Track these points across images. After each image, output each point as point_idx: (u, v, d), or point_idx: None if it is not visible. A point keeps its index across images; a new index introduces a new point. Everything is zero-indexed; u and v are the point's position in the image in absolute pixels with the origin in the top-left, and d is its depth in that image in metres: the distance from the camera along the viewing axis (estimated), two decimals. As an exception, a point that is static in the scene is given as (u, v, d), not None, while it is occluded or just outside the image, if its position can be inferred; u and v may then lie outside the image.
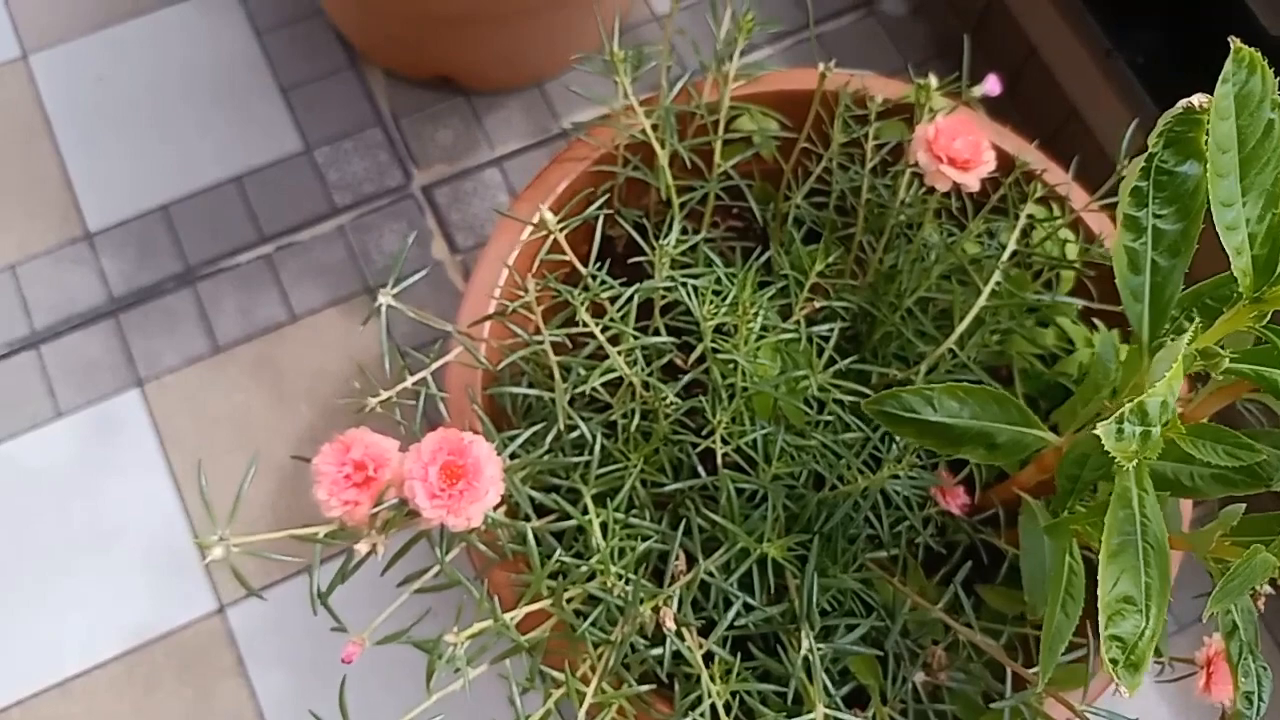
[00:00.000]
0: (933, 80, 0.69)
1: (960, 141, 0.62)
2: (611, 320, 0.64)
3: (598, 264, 0.65)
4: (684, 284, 0.65)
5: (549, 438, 0.66)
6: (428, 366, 0.63)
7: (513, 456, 0.66)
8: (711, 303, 0.64)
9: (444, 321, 0.65)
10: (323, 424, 1.07)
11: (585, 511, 0.62)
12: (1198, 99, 0.42)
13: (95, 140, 1.17)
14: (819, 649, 0.56)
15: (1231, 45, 0.38)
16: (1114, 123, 1.03)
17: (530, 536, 0.59)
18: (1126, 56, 1.00)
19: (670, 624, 0.54)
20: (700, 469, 0.67)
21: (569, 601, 0.60)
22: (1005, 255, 0.68)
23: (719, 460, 0.64)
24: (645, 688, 0.58)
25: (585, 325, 0.63)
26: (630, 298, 0.64)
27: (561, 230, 0.60)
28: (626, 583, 0.58)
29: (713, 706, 0.54)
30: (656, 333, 0.69)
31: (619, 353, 0.64)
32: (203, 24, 1.23)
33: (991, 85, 0.72)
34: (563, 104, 1.21)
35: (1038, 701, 0.61)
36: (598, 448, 0.65)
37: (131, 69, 1.20)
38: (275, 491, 1.03)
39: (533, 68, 1.19)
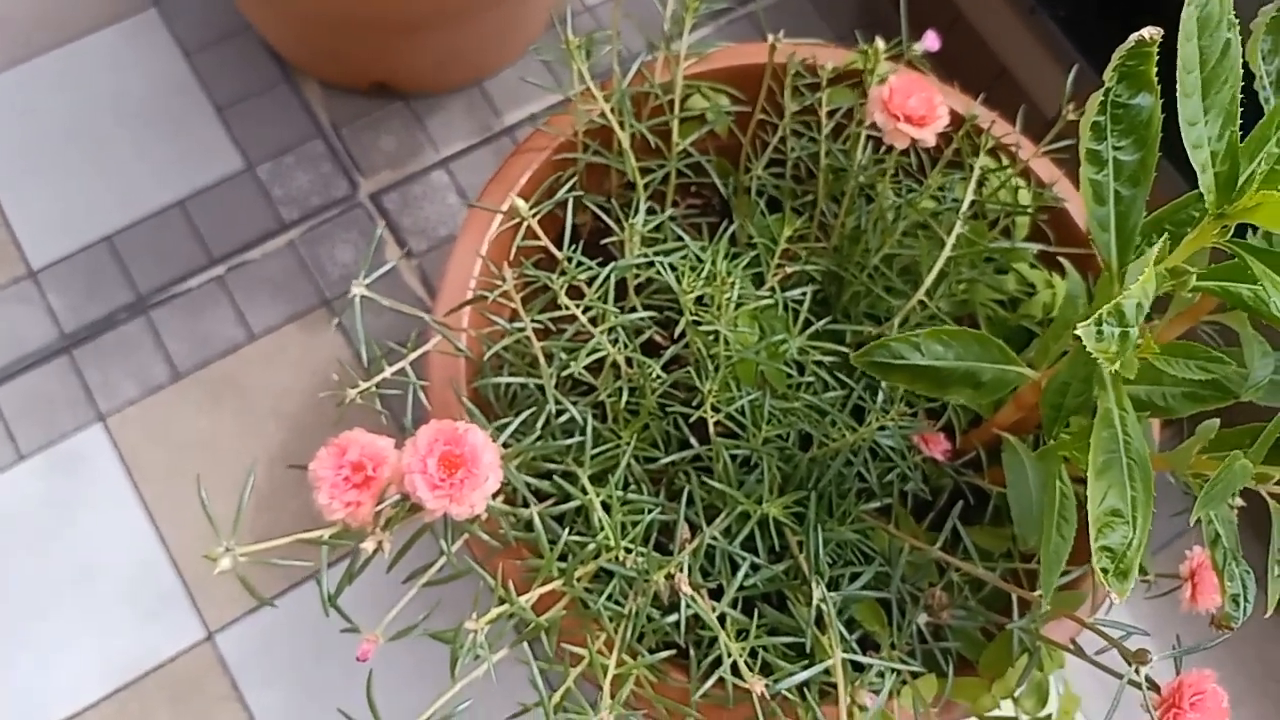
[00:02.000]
0: (880, 43, 0.71)
1: (914, 99, 0.64)
2: (592, 301, 0.65)
3: (571, 247, 0.65)
4: (659, 260, 0.66)
5: (539, 424, 0.67)
6: (406, 357, 0.63)
7: (505, 445, 0.67)
8: (688, 276, 0.65)
9: (420, 312, 0.65)
10: (294, 440, 1.06)
11: (585, 492, 0.63)
12: (1148, 31, 0.44)
13: (29, 175, 1.14)
14: (830, 596, 0.58)
15: (1195, -31, 0.41)
16: (1044, 77, 1.06)
17: (536, 520, 0.60)
18: (1050, 12, 1.04)
19: (686, 588, 0.55)
20: (692, 440, 0.68)
21: (579, 580, 0.61)
22: (964, 206, 0.70)
23: (710, 429, 0.66)
24: (663, 654, 0.59)
25: (566, 308, 0.64)
26: (608, 277, 0.65)
27: (534, 216, 0.61)
28: (637, 556, 0.59)
29: (734, 665, 0.55)
30: (634, 311, 0.70)
31: (601, 332, 0.65)
32: (128, 50, 1.21)
33: (930, 41, 0.75)
34: (503, 100, 1.21)
35: (1037, 627, 0.63)
36: (589, 429, 0.65)
37: (59, 100, 1.18)
38: (253, 510, 1.02)
39: (470, 67, 1.19)
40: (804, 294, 0.71)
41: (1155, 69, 0.47)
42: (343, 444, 0.53)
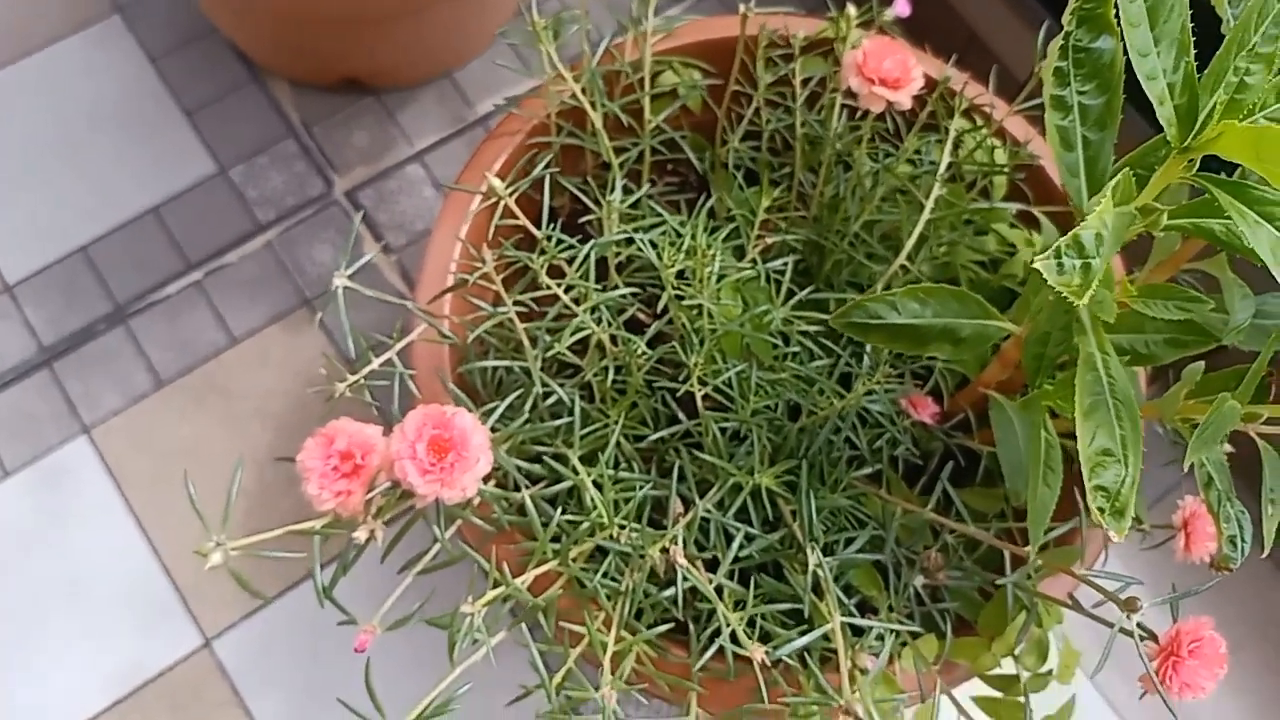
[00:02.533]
0: (851, 10, 0.71)
1: (889, 62, 0.64)
2: (573, 280, 0.64)
3: (549, 227, 0.65)
4: (639, 235, 0.66)
5: (526, 407, 0.67)
6: (392, 347, 0.63)
7: (493, 430, 0.66)
8: (668, 251, 0.65)
9: (403, 302, 0.65)
10: (280, 441, 1.06)
11: (576, 473, 0.63)
12: (1106, -28, 0.44)
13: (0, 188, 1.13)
14: (826, 562, 0.58)
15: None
16: (1015, 41, 1.06)
17: (529, 503, 0.59)
18: (1018, -26, 1.04)
19: (681, 559, 0.55)
20: (681, 415, 0.68)
21: (574, 560, 0.60)
22: (942, 168, 0.70)
23: (699, 403, 0.65)
24: (661, 628, 0.59)
25: (547, 288, 0.63)
26: (588, 255, 0.65)
27: (510, 194, 0.61)
28: (631, 532, 0.59)
29: (733, 634, 0.55)
30: (616, 290, 0.69)
31: (584, 310, 0.65)
32: (92, 58, 1.19)
33: (900, 7, 0.74)
34: (475, 90, 1.20)
35: (1034, 585, 0.63)
36: (577, 409, 0.65)
37: (26, 111, 1.16)
38: (244, 514, 1.01)
39: (439, 58, 1.18)
40: (785, 264, 0.71)
41: (1114, 11, 0.47)
42: (330, 433, 0.53)
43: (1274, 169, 0.38)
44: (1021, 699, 0.66)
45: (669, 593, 0.59)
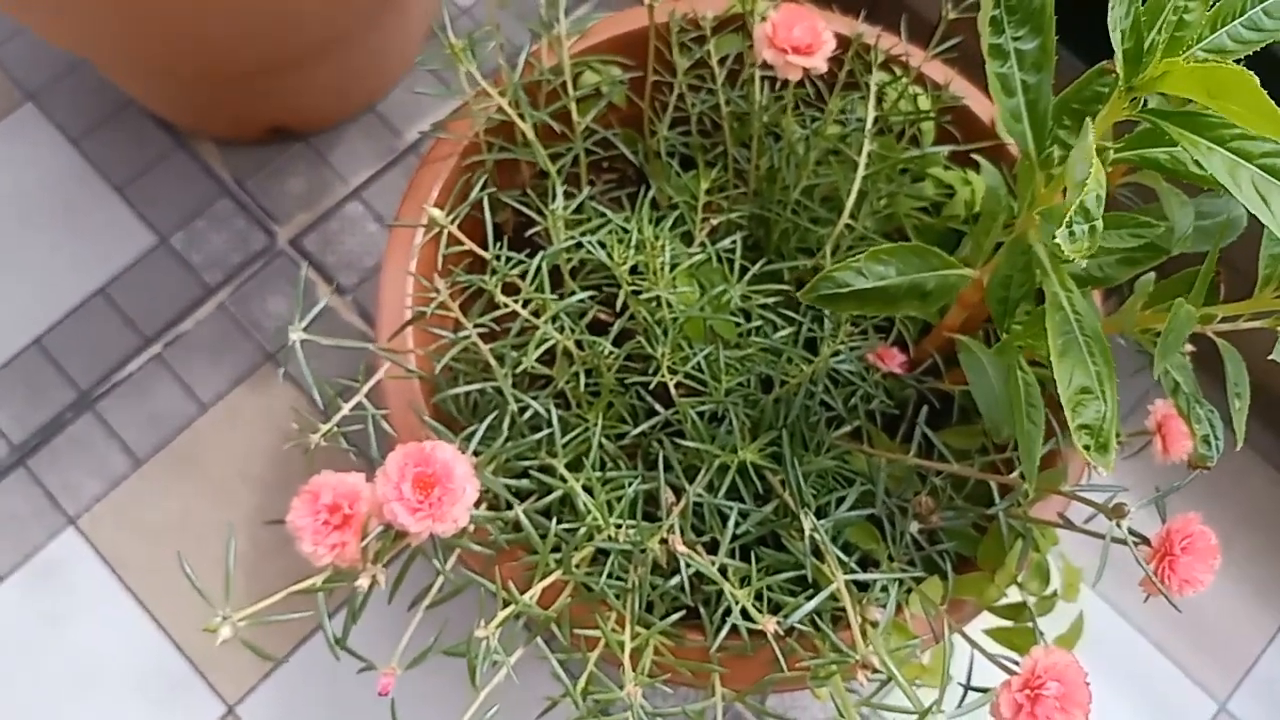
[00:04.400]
0: (754, -18, 0.72)
1: (798, 29, 0.65)
2: (529, 294, 0.65)
3: (497, 245, 0.65)
4: (586, 238, 0.66)
5: (505, 425, 0.67)
6: (359, 390, 0.63)
7: (476, 454, 0.67)
8: (618, 249, 0.66)
9: (364, 344, 0.65)
10: (267, 501, 1.05)
11: (563, 481, 0.63)
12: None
13: (-59, 296, 1.12)
14: (821, 524, 0.59)
15: None
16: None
17: (523, 519, 0.60)
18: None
19: (681, 547, 0.56)
20: (657, 406, 0.69)
21: (578, 566, 0.61)
22: (869, 124, 0.71)
23: (673, 392, 0.66)
24: (674, 616, 0.60)
25: (505, 305, 0.64)
26: (539, 267, 0.65)
27: (452, 221, 0.61)
28: (628, 529, 0.60)
29: (743, 610, 0.56)
30: (573, 295, 0.70)
31: (545, 321, 0.65)
32: (11, 151, 1.18)
33: (804, -26, 0.75)
34: (400, 119, 1.20)
35: (1024, 510, 0.65)
36: (554, 419, 0.66)
37: (-46, 214, 1.15)
38: (244, 578, 1.01)
39: (360, 93, 1.18)
40: (734, 242, 0.72)
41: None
42: (315, 489, 0.53)
43: (1228, 105, 0.40)
44: (1031, 624, 0.68)
45: (675, 581, 0.60)
